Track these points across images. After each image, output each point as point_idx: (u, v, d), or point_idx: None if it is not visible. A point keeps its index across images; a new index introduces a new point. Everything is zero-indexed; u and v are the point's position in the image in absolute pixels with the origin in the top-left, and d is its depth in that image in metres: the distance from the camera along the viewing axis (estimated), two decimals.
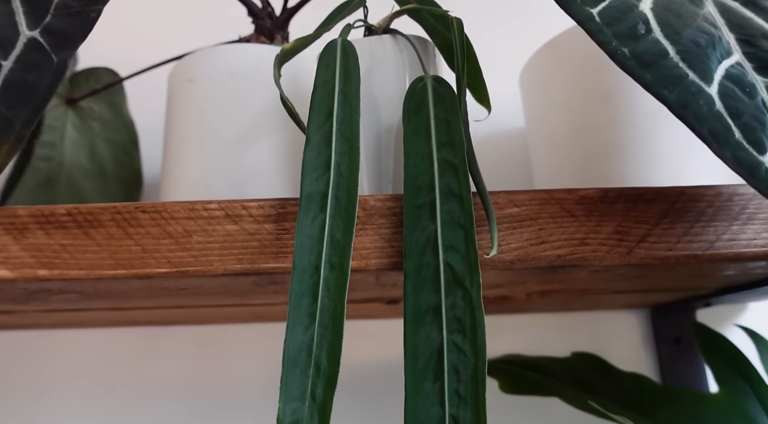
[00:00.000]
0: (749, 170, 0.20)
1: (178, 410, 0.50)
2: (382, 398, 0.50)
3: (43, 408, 0.50)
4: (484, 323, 0.24)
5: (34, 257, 0.28)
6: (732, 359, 0.43)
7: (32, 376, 0.51)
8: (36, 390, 0.51)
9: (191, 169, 0.38)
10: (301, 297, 0.23)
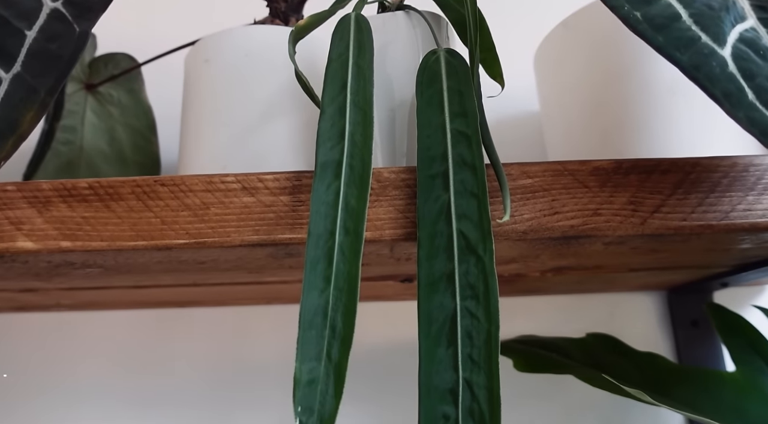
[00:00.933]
0: (762, 130, 0.20)
1: (195, 391, 0.51)
2: (396, 378, 0.50)
3: (64, 389, 0.51)
4: (497, 289, 0.24)
5: (57, 229, 0.29)
6: (749, 338, 0.43)
7: (54, 357, 0.52)
8: (57, 371, 0.52)
9: (207, 148, 0.38)
10: (317, 262, 0.23)
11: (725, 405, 0.39)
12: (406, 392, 0.50)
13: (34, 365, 0.52)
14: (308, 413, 0.21)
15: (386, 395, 0.50)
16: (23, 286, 0.39)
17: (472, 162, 0.27)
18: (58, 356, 0.52)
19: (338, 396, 0.21)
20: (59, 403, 0.52)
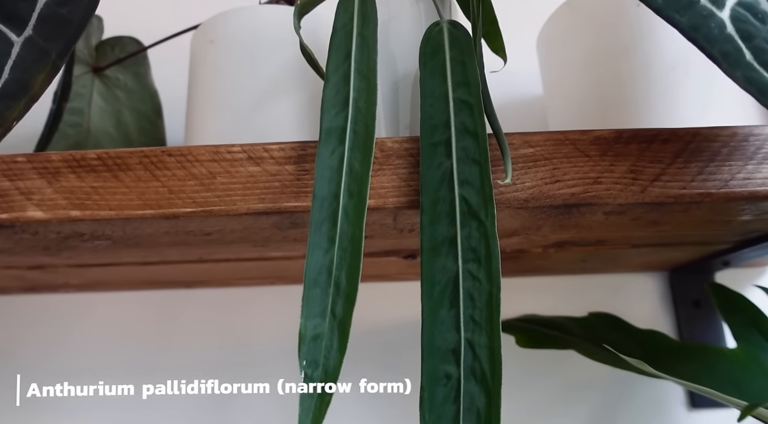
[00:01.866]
0: (760, 89, 0.21)
1: (200, 371, 0.51)
2: (398, 356, 0.50)
3: (70, 369, 0.52)
4: (498, 252, 0.25)
5: (66, 198, 0.30)
6: (750, 316, 0.43)
7: (61, 338, 0.53)
8: (64, 352, 0.53)
9: (212, 126, 0.39)
10: (321, 223, 0.24)
11: (725, 379, 0.40)
12: (409, 370, 0.51)
13: (41, 345, 0.53)
14: (313, 367, 0.21)
15: (389, 373, 0.50)
16: (32, 262, 0.40)
17: (474, 130, 0.27)
18: (65, 338, 0.53)
19: (342, 351, 0.22)
20: (65, 383, 0.52)
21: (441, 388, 0.24)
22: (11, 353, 0.53)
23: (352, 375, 0.46)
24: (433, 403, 0.24)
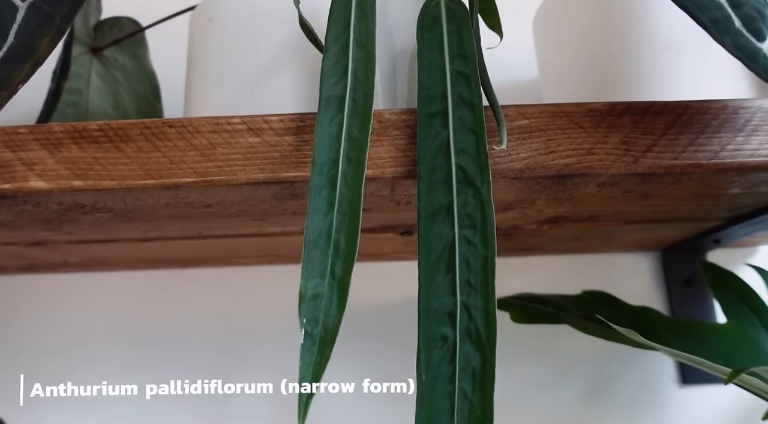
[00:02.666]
0: (748, 55, 0.21)
1: (198, 351, 0.52)
2: (395, 336, 0.51)
3: (69, 350, 0.53)
4: (494, 218, 0.25)
5: (68, 169, 0.30)
6: (740, 293, 0.44)
7: (59, 318, 0.53)
8: (62, 332, 0.53)
9: (211, 104, 0.39)
10: (321, 188, 0.24)
11: (715, 353, 0.40)
12: (406, 349, 0.51)
13: (39, 326, 0.53)
14: (313, 324, 0.22)
15: (386, 353, 0.51)
16: (33, 237, 0.40)
17: (470, 100, 0.27)
18: (63, 318, 0.53)
19: (341, 309, 0.22)
20: (63, 363, 0.53)
21: (437, 349, 0.25)
22: (8, 331, 0.53)
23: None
24: (429, 364, 0.24)
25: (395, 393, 0.45)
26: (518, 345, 0.50)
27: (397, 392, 0.45)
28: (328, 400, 0.49)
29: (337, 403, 0.50)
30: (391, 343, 0.51)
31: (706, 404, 0.49)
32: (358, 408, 0.50)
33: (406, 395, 0.44)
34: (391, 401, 0.45)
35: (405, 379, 0.44)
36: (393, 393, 0.45)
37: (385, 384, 0.45)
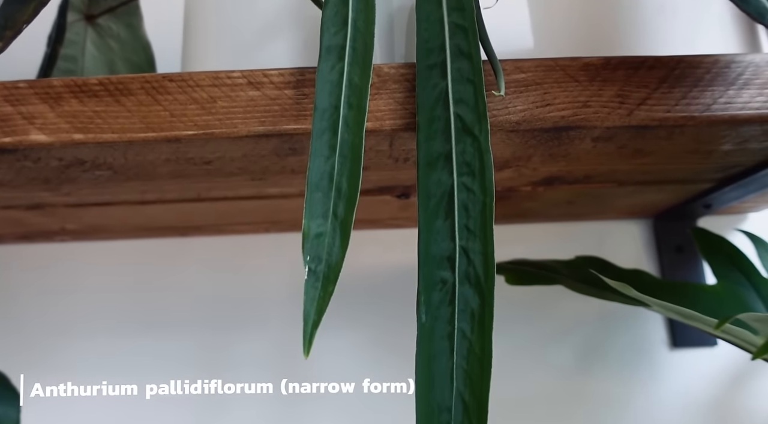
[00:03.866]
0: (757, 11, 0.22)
1: (195, 319, 0.52)
2: (393, 303, 0.52)
3: (66, 318, 0.53)
4: (492, 164, 0.26)
5: (69, 122, 0.30)
6: (730, 255, 0.45)
7: (56, 288, 0.54)
8: (59, 301, 0.53)
9: (208, 68, 0.39)
10: (322, 133, 0.25)
11: (705, 312, 0.41)
12: (404, 316, 0.52)
13: (37, 295, 0.53)
14: (317, 261, 0.22)
15: (384, 319, 0.52)
16: (31, 199, 0.41)
17: (468, 52, 0.28)
18: (60, 287, 0.54)
19: (344, 248, 0.23)
20: (61, 332, 0.53)
21: (437, 292, 0.25)
22: (4, 301, 0.53)
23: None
24: (429, 306, 0.25)
25: (395, 393, 0.45)
26: (512, 311, 0.51)
27: (397, 392, 0.45)
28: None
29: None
30: (388, 311, 0.52)
31: (695, 366, 0.51)
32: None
33: (406, 395, 0.44)
34: (391, 401, 0.45)
35: (405, 379, 0.44)
36: (393, 393, 0.45)
37: (385, 384, 0.46)
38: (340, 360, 0.51)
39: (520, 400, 0.49)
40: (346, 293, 0.52)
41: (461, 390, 0.24)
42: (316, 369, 0.50)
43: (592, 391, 0.50)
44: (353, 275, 0.53)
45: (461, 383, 0.24)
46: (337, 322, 0.52)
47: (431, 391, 0.24)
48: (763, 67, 0.30)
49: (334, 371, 0.50)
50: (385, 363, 0.50)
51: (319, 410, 0.50)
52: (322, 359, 0.51)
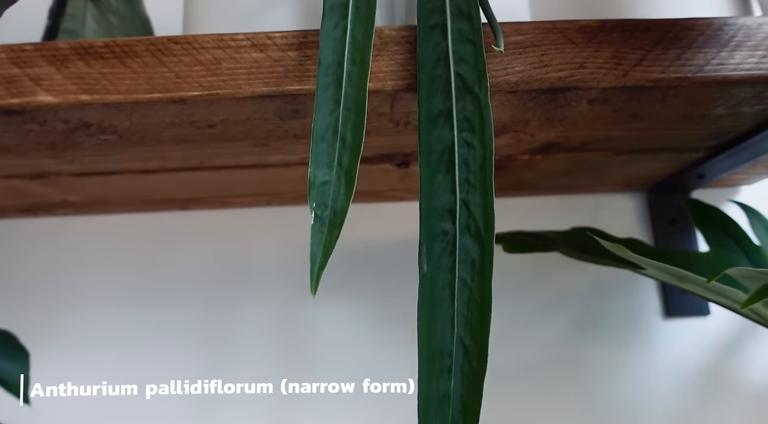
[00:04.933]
0: None
1: (195, 292, 0.53)
2: (392, 275, 0.53)
3: (69, 292, 0.53)
4: (491, 120, 0.27)
5: (76, 84, 0.31)
6: (723, 224, 0.46)
7: (58, 261, 0.54)
8: (62, 275, 0.54)
9: None
10: (327, 87, 0.25)
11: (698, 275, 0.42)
12: (402, 288, 0.53)
13: (39, 268, 0.54)
14: (322, 208, 0.23)
15: (383, 291, 0.53)
16: (36, 167, 0.41)
17: (468, 12, 0.28)
18: (62, 260, 0.54)
19: (349, 195, 0.24)
20: (63, 305, 0.54)
21: (438, 243, 0.26)
22: (6, 275, 0.54)
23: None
24: (431, 256, 0.26)
25: (395, 393, 0.45)
26: (509, 281, 0.52)
27: (397, 392, 0.45)
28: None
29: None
30: (387, 284, 0.53)
31: (688, 335, 0.52)
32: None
33: (406, 395, 0.44)
34: (391, 401, 0.45)
35: (405, 379, 0.44)
36: (393, 393, 0.45)
37: (385, 384, 0.45)
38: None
39: (516, 367, 0.50)
40: (347, 265, 0.53)
41: (462, 335, 0.25)
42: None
43: (587, 359, 0.51)
44: (354, 247, 0.54)
45: (462, 329, 0.25)
46: (338, 293, 0.52)
47: (433, 336, 0.25)
48: (754, 29, 0.31)
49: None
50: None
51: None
52: (323, 348, 0.52)
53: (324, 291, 0.53)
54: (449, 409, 0.24)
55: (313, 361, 0.51)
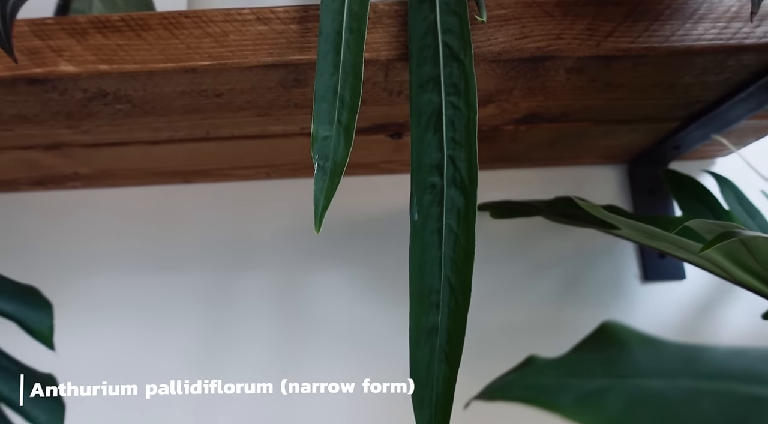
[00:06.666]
0: None
1: (200, 260, 0.56)
2: (387, 244, 0.56)
3: (80, 261, 0.56)
4: (475, 85, 0.30)
5: (95, 55, 0.33)
6: (695, 191, 0.49)
7: (69, 233, 0.57)
8: (73, 246, 0.57)
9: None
10: (327, 53, 0.28)
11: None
12: (397, 256, 0.56)
13: (51, 240, 0.57)
14: (324, 159, 0.26)
15: (378, 257, 0.56)
16: (51, 138, 0.44)
17: None
18: (73, 232, 0.57)
19: (347, 148, 0.27)
20: (75, 275, 0.56)
21: (427, 195, 0.29)
22: (18, 246, 0.57)
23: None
24: (421, 206, 0.29)
25: (395, 393, 0.45)
26: (496, 248, 0.55)
27: (397, 392, 0.45)
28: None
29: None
30: (381, 252, 0.56)
31: (666, 298, 0.55)
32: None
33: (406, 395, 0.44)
34: (391, 401, 0.45)
35: (405, 379, 0.44)
36: (393, 393, 0.45)
37: (385, 384, 0.45)
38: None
39: (502, 328, 0.54)
40: (343, 236, 0.56)
41: (448, 275, 0.28)
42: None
43: (570, 321, 0.54)
44: (350, 218, 0.57)
45: (448, 269, 0.28)
46: (336, 260, 0.55)
47: (423, 277, 0.28)
48: (716, 3, 0.34)
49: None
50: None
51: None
52: (322, 311, 0.55)
53: (322, 258, 0.56)
54: (437, 339, 0.27)
55: (312, 324, 0.54)
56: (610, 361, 0.12)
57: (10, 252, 0.57)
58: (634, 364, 0.12)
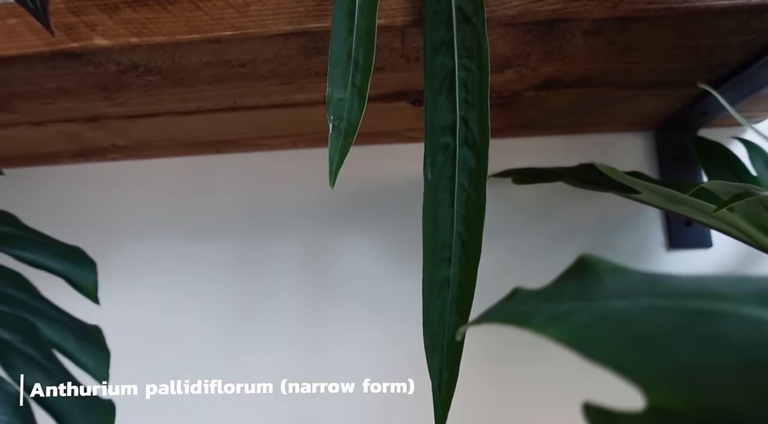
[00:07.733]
0: None
1: (232, 225, 0.58)
2: (409, 208, 0.57)
3: (119, 226, 0.59)
4: (488, 48, 0.30)
5: (126, 28, 0.35)
6: (723, 159, 0.49)
7: (111, 202, 0.60)
8: (114, 214, 0.60)
9: None
10: (341, 19, 0.29)
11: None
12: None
13: (94, 208, 0.60)
14: (339, 119, 0.27)
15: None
16: (90, 110, 0.46)
17: None
18: (114, 201, 0.60)
19: (361, 109, 0.28)
20: (115, 238, 0.59)
21: (441, 155, 0.30)
22: (61, 216, 0.60)
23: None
24: (434, 166, 0.30)
25: (395, 393, 0.46)
26: (517, 218, 0.56)
27: (397, 392, 0.46)
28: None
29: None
30: (402, 219, 0.57)
31: (691, 266, 0.55)
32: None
33: (406, 395, 0.44)
34: (391, 401, 0.46)
35: (405, 379, 0.44)
36: (393, 393, 0.46)
37: (385, 384, 0.46)
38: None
39: None
40: (367, 202, 0.57)
41: (460, 231, 0.29)
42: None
43: None
44: (374, 185, 0.58)
45: (460, 225, 0.29)
46: (357, 226, 0.57)
47: (435, 233, 0.29)
48: None
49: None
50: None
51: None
52: (346, 274, 0.56)
53: (343, 224, 0.57)
54: (449, 291, 0.28)
55: (337, 286, 0.56)
56: (582, 288, 0.13)
57: (52, 222, 0.60)
58: (603, 289, 0.13)
